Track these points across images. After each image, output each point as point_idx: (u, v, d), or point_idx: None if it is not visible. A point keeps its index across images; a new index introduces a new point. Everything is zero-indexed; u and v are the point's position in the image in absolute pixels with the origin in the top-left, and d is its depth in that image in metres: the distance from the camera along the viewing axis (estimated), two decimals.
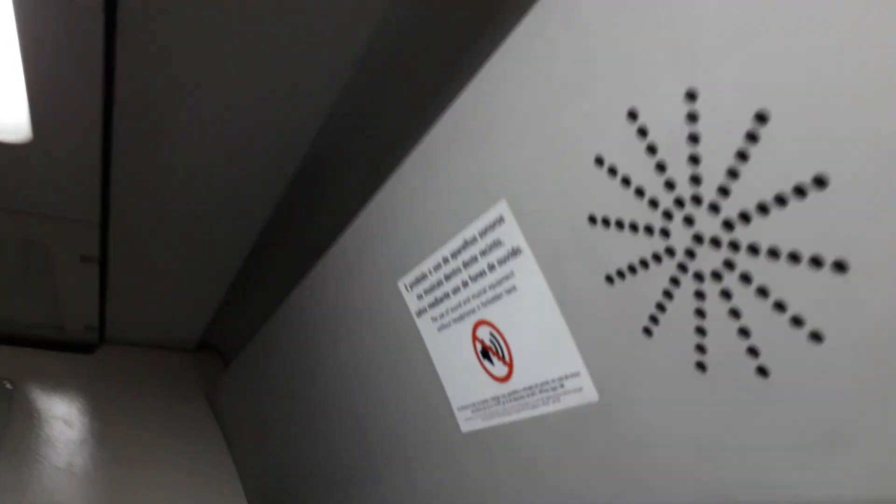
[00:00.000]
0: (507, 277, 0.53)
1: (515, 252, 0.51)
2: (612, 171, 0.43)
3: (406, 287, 0.67)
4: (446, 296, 0.61)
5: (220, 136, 0.73)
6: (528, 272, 0.51)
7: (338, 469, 0.97)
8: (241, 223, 0.93)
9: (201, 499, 1.50)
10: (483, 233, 0.54)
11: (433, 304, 0.63)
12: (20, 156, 0.74)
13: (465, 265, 0.57)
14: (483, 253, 0.55)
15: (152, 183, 0.82)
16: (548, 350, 0.52)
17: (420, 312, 0.66)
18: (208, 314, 1.35)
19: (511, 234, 0.51)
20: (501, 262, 0.53)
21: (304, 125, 0.70)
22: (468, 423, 0.64)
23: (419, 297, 0.65)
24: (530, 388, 0.55)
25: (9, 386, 1.42)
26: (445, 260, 0.60)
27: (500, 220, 0.52)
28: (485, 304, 0.57)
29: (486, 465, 0.64)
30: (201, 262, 1.08)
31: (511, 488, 0.62)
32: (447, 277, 0.60)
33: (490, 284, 0.55)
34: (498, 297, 0.55)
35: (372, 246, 0.71)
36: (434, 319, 0.64)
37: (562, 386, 0.51)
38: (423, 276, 0.63)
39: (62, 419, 1.45)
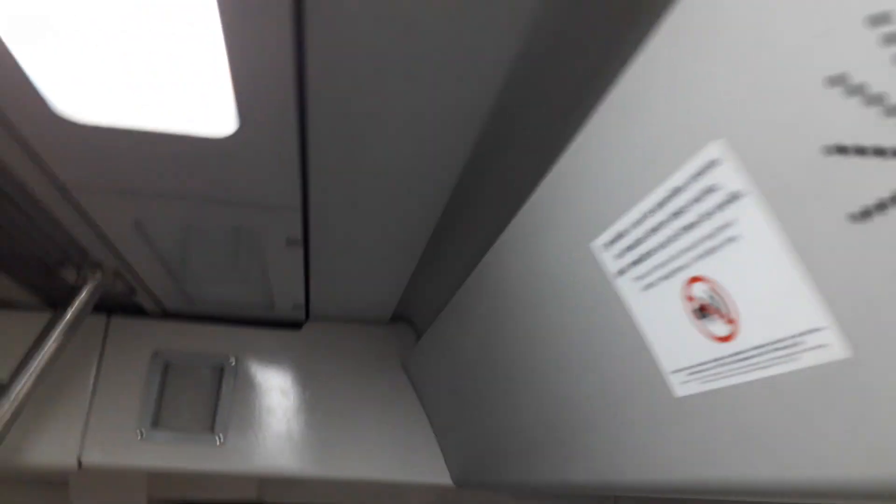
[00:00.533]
0: (725, 226, 0.48)
1: (734, 197, 0.46)
2: (851, 90, 0.37)
3: (601, 248, 0.63)
4: (650, 253, 0.57)
5: (404, 110, 0.73)
6: (751, 218, 0.45)
7: (539, 433, 0.96)
8: (428, 195, 0.94)
9: (403, 461, 1.58)
10: (693, 179, 0.49)
11: (635, 263, 0.59)
12: (227, 149, 0.80)
13: (674, 216, 0.53)
14: (694, 201, 0.50)
15: (345, 163, 0.85)
16: (782, 304, 0.46)
17: (619, 273, 0.62)
18: (400, 288, 1.40)
19: (728, 177, 0.46)
20: (717, 209, 0.48)
21: (486, 83, 0.68)
22: (683, 388, 0.59)
23: (617, 256, 0.61)
24: (760, 347, 0.49)
25: (233, 361, 1.59)
26: (648, 213, 0.55)
27: (714, 162, 0.47)
28: (698, 259, 0.52)
29: (705, 430, 0.59)
30: (391, 238, 1.11)
31: (736, 456, 0.56)
32: (651, 232, 0.56)
33: (704, 236, 0.50)
34: (715, 250, 0.50)
35: (561, 208, 0.69)
36: (637, 279, 0.60)
37: (801, 343, 0.46)
38: (621, 234, 0.60)
39: (279, 389, 1.59)
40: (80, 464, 1.44)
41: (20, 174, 0.87)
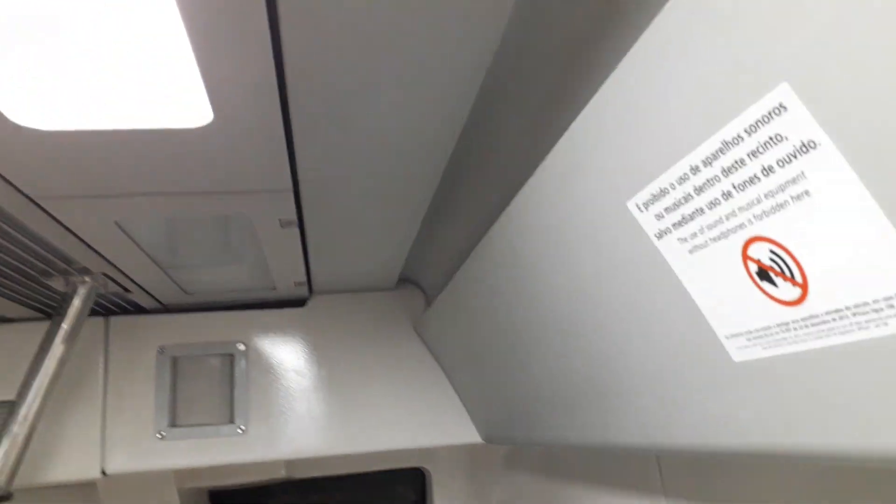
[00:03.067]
0: (793, 181, 0.42)
1: (807, 147, 0.39)
2: None
3: (639, 207, 0.57)
4: (698, 212, 0.51)
5: (390, 79, 0.66)
6: (828, 170, 0.39)
7: (577, 392, 0.92)
8: (424, 162, 0.87)
9: (429, 425, 1.56)
10: (753, 128, 0.42)
11: (679, 224, 0.53)
12: (205, 139, 0.73)
13: (726, 172, 0.46)
14: (754, 154, 0.43)
15: (332, 140, 0.78)
16: (865, 265, 0.40)
17: (661, 234, 0.56)
18: (403, 254, 1.34)
19: (799, 124, 0.39)
20: (784, 162, 0.41)
21: (485, 31, 0.60)
22: (743, 352, 0.54)
23: (658, 216, 0.55)
24: (838, 311, 0.44)
25: (241, 347, 1.54)
26: (695, 168, 0.49)
27: (780, 108, 0.40)
28: (759, 218, 0.46)
29: (770, 397, 0.54)
30: (390, 205, 1.05)
31: (809, 425, 0.52)
32: (698, 190, 0.49)
33: (767, 192, 0.44)
34: (780, 207, 0.43)
35: (590, 161, 0.62)
36: (682, 241, 0.54)
37: (892, 307, 0.40)
38: (663, 192, 0.53)
39: (293, 369, 1.55)
40: (104, 472, 1.41)
41: None
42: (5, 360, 1.40)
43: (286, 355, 1.56)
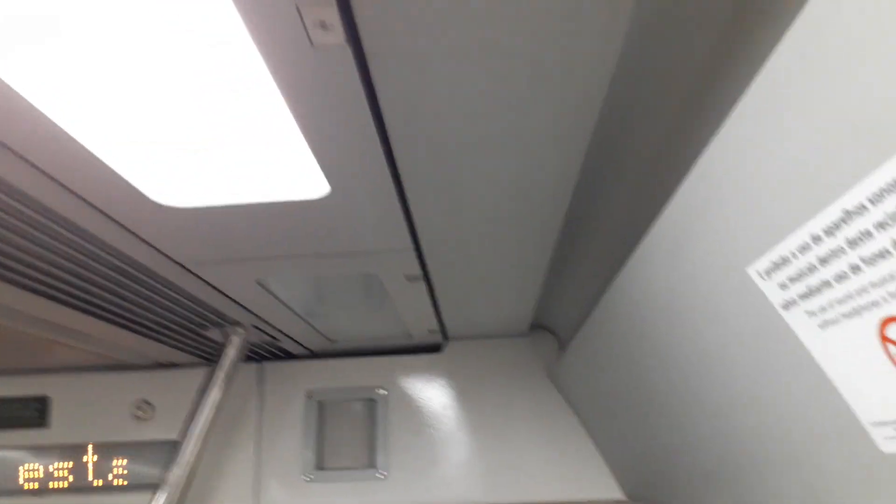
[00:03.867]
0: None
1: None
2: None
3: (761, 275, 0.51)
4: (825, 285, 0.45)
5: (497, 128, 0.65)
6: None
7: (707, 460, 0.84)
8: (541, 210, 0.85)
9: (570, 478, 1.50)
10: (878, 197, 0.37)
11: (806, 296, 0.47)
12: (325, 208, 0.77)
13: (852, 244, 0.40)
14: (881, 226, 0.37)
15: (445, 197, 0.79)
16: None
17: (788, 305, 0.50)
18: (533, 299, 1.32)
19: None
20: None
21: (586, 102, 0.58)
22: (891, 443, 0.47)
23: (782, 286, 0.49)
24: None
25: (383, 392, 1.58)
26: (816, 238, 0.43)
27: None
28: (893, 297, 0.39)
29: None
30: (512, 258, 1.04)
31: None
32: (823, 261, 0.44)
33: None
34: None
35: (703, 222, 0.57)
36: (811, 314, 0.48)
37: None
38: (784, 261, 0.48)
39: (430, 413, 1.57)
40: None
41: (140, 259, 0.89)
42: (173, 401, 1.54)
43: (424, 400, 1.58)
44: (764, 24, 0.49)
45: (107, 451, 1.53)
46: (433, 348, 1.63)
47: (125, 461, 1.51)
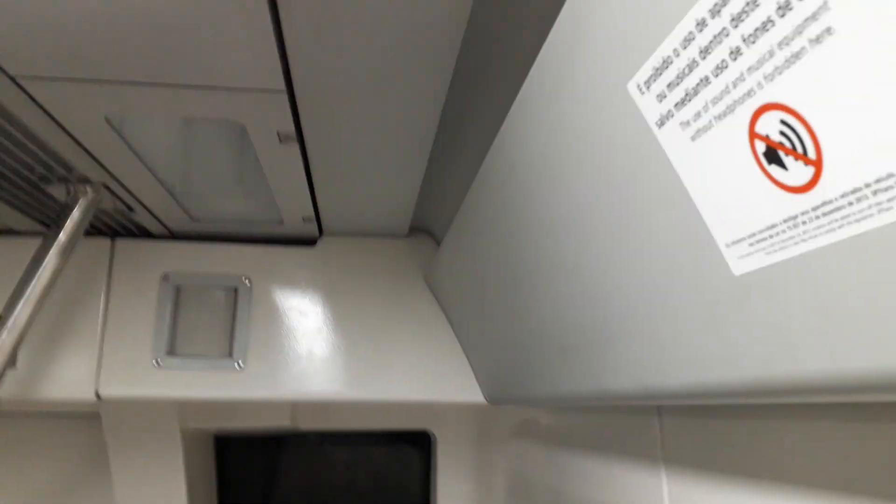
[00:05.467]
0: (812, 17, 0.34)
1: None
2: None
3: (640, 87, 0.49)
4: (703, 82, 0.43)
5: None
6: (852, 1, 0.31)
7: (573, 334, 0.85)
8: (426, 79, 0.81)
9: (434, 380, 1.50)
10: None
11: (682, 102, 0.45)
12: (186, 15, 0.68)
13: (736, 20, 0.38)
14: None
15: (326, 40, 0.72)
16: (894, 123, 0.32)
17: (662, 120, 0.48)
18: (413, 195, 1.28)
19: None
20: None
21: None
22: (744, 262, 0.46)
23: (660, 96, 0.47)
24: (856, 191, 0.35)
25: (247, 282, 1.50)
26: (701, 23, 0.41)
27: None
28: (770, 77, 0.38)
29: (768, 315, 0.46)
30: (394, 136, 0.99)
31: (811, 344, 0.44)
32: (704, 51, 0.42)
33: (780, 39, 0.36)
34: (796, 57, 0.35)
35: (583, 47, 0.54)
36: (684, 125, 0.46)
37: None
38: (666, 63, 0.45)
39: (297, 309, 1.51)
40: (98, 396, 1.39)
41: None
42: (6, 271, 1.38)
43: (292, 294, 1.52)
44: None
45: None
46: (307, 243, 1.56)
47: None
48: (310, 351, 1.48)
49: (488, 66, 0.90)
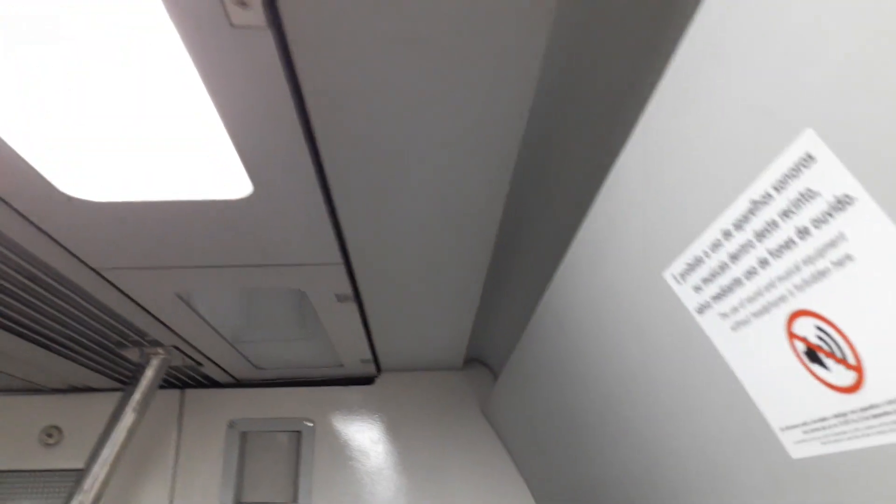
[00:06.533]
0: (832, 244, 0.36)
1: (842, 203, 0.34)
2: None
3: (675, 278, 0.51)
4: (736, 283, 0.45)
5: (429, 148, 0.65)
6: (870, 229, 0.33)
7: (630, 489, 0.83)
8: (474, 232, 0.85)
9: None
10: (781, 184, 0.37)
11: (718, 297, 0.47)
12: (249, 210, 0.74)
13: (759, 235, 0.41)
14: (786, 214, 0.38)
15: (376, 209, 0.78)
16: None
17: (702, 308, 0.50)
18: (466, 331, 1.30)
19: (830, 177, 0.34)
20: (820, 222, 0.36)
21: (514, 104, 0.58)
22: (800, 448, 0.46)
23: (697, 288, 0.49)
24: None
25: (310, 424, 1.53)
26: (726, 234, 0.43)
27: (808, 159, 0.35)
28: (800, 288, 0.39)
29: (831, 502, 0.46)
30: (445, 277, 1.02)
31: None
32: (733, 257, 0.44)
33: (805, 258, 0.38)
34: (822, 275, 0.37)
35: (621, 231, 0.57)
36: (723, 316, 0.48)
37: None
38: (698, 262, 0.48)
39: (359, 449, 1.51)
40: None
41: (49, 261, 0.84)
42: (85, 427, 1.45)
43: (353, 433, 1.53)
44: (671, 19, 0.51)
45: (10, 478, 1.42)
46: (366, 381, 1.59)
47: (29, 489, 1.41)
48: (373, 492, 1.47)
49: (537, 222, 0.95)
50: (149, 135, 0.64)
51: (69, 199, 0.70)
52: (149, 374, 1.27)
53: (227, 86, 0.54)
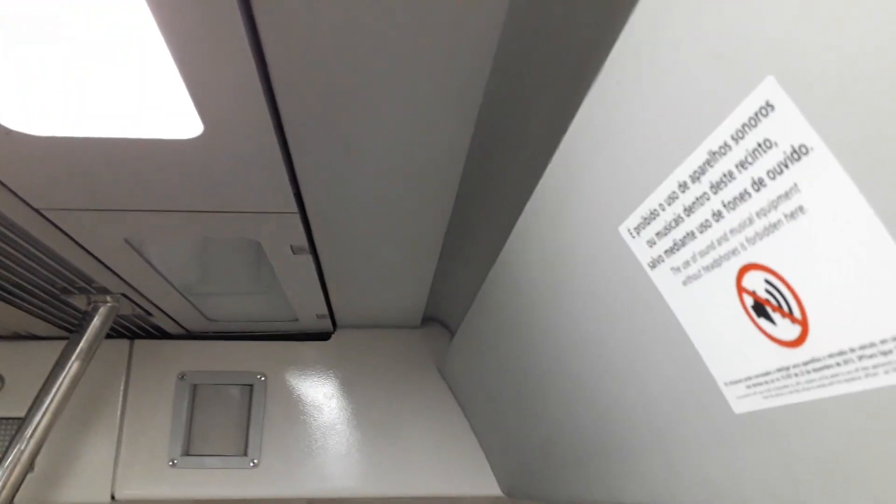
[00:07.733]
0: (786, 195, 0.36)
1: (798, 154, 0.34)
2: None
3: (630, 232, 0.51)
4: (689, 236, 0.45)
5: (390, 94, 0.63)
6: (824, 181, 0.33)
7: (580, 446, 0.85)
8: (433, 188, 0.83)
9: (450, 474, 1.48)
10: (740, 133, 0.37)
11: (671, 250, 0.47)
12: (199, 152, 0.71)
13: (715, 187, 0.40)
14: (742, 164, 0.37)
15: (335, 163, 0.76)
16: (873, 297, 0.33)
17: (654, 263, 0.50)
18: (425, 288, 1.30)
19: (788, 126, 0.33)
20: (775, 172, 0.35)
21: (478, 51, 0.57)
22: (743, 402, 0.47)
23: (650, 242, 0.49)
24: (842, 353, 0.37)
25: (262, 378, 1.51)
26: (682, 185, 0.43)
27: (767, 108, 0.34)
28: (752, 241, 0.39)
29: (774, 456, 0.47)
30: (403, 233, 1.01)
31: (816, 489, 0.44)
32: (688, 210, 0.44)
33: (758, 210, 0.38)
34: (774, 228, 0.37)
35: (578, 186, 0.57)
36: (675, 270, 0.48)
37: None
38: (653, 214, 0.47)
39: (312, 404, 1.51)
40: (113, 497, 1.39)
41: None
42: (28, 376, 1.41)
43: (307, 389, 1.52)
44: None
45: None
46: (322, 337, 1.58)
47: None
48: (325, 447, 1.48)
49: (494, 177, 0.94)
50: (94, 66, 0.60)
51: (7, 132, 0.66)
52: (96, 322, 1.24)
53: (175, 14, 0.51)
